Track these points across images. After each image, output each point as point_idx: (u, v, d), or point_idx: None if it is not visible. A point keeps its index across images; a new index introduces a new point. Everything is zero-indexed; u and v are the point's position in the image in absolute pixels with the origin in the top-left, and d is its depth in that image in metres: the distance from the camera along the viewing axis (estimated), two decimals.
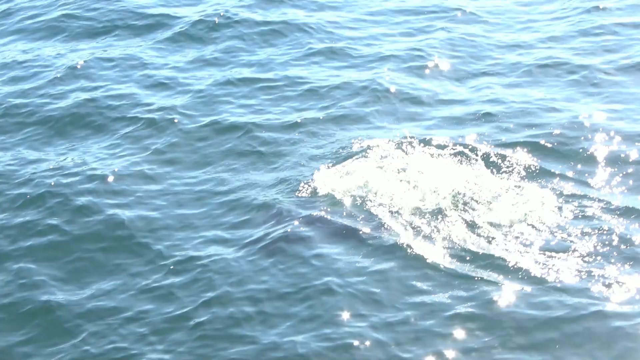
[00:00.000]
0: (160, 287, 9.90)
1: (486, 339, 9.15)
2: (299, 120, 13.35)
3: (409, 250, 10.34)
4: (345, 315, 9.44)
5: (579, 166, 12.09)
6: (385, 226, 10.79)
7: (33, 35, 16.65)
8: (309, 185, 11.62)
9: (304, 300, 9.69)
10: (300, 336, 9.11)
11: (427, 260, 10.18)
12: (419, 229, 10.71)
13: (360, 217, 11.01)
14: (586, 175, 11.88)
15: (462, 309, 9.56)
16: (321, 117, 13.45)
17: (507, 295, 9.67)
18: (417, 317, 9.40)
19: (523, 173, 11.81)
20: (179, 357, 8.95)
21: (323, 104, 13.89)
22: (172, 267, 10.22)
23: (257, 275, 10.05)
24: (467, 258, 10.24)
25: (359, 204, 11.18)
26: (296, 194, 11.52)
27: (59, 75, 14.76)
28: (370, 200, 11.21)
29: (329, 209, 11.21)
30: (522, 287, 9.77)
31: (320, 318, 9.41)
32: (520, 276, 9.93)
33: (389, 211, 11.01)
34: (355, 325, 9.30)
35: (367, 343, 9.04)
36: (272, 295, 9.76)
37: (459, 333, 9.21)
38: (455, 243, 10.44)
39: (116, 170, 12.12)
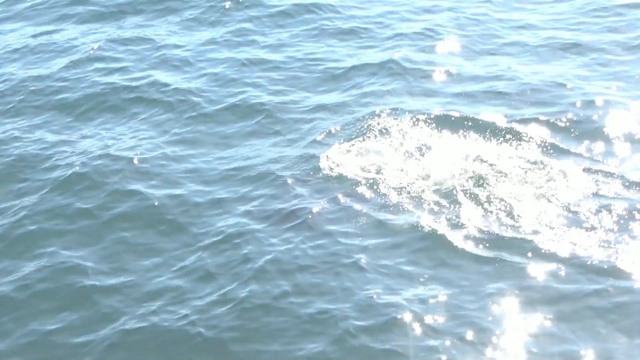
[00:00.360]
0: (196, 267, 9.97)
1: (515, 313, 9.31)
2: (315, 100, 13.49)
3: (432, 229, 10.46)
4: (378, 291, 9.56)
5: (593, 143, 12.29)
6: (406, 204, 10.92)
7: (42, 20, 16.65)
8: (330, 165, 11.73)
9: (336, 276, 9.81)
10: (338, 310, 9.24)
11: (452, 239, 10.31)
12: (440, 207, 10.84)
13: (382, 196, 11.14)
14: (601, 152, 12.09)
15: (489, 284, 9.71)
16: (337, 97, 13.60)
17: (533, 271, 9.84)
18: (447, 294, 9.55)
19: (539, 150, 11.99)
20: (221, 333, 9.02)
21: (338, 83, 14.04)
22: (206, 246, 10.29)
23: (289, 252, 10.16)
24: (490, 235, 10.38)
25: (379, 183, 11.31)
26: (318, 173, 11.63)
27: (73, 60, 14.78)
28: (390, 179, 11.34)
29: (350, 188, 11.32)
30: (547, 263, 9.92)
31: (354, 293, 9.53)
32: (544, 253, 10.07)
33: (409, 190, 11.15)
34: (389, 300, 9.42)
35: (403, 317, 9.17)
36: (305, 271, 9.87)
37: (490, 307, 9.36)
38: (477, 221, 10.58)
39: (139, 152, 12.17)
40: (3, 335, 9.31)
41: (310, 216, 10.83)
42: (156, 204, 11.08)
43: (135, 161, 11.97)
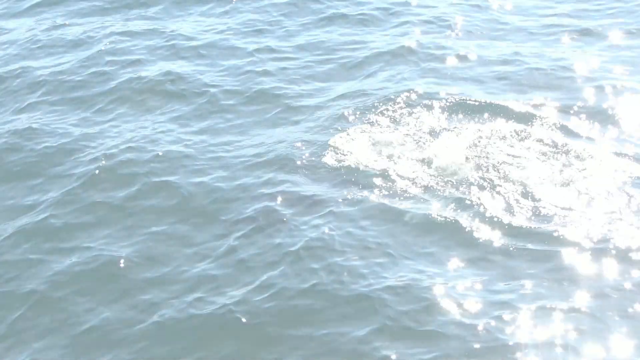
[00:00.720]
0: (230, 256, 10.04)
1: (546, 294, 9.52)
2: (331, 89, 13.66)
3: (454, 216, 10.63)
4: (411, 275, 9.71)
5: (606, 127, 12.54)
6: (427, 191, 11.06)
7: (49, 15, 16.66)
8: (349, 152, 11.83)
9: (368, 262, 9.93)
10: (374, 295, 9.36)
11: (474, 224, 10.47)
12: (460, 193, 10.99)
13: (402, 182, 11.19)
14: (615, 136, 12.34)
15: (517, 267, 9.93)
16: (353, 85, 13.77)
17: (558, 254, 10.04)
18: (477, 277, 9.75)
19: (553, 134, 12.17)
20: (262, 322, 9.11)
21: (352, 71, 14.26)
22: (238, 235, 10.37)
23: (320, 237, 10.26)
24: (512, 220, 10.53)
25: (398, 170, 11.40)
26: (338, 161, 11.70)
27: (85, 54, 14.79)
28: (410, 166, 11.47)
29: (370, 175, 11.40)
30: (571, 247, 10.12)
31: (387, 278, 9.65)
32: (567, 236, 10.25)
33: (428, 177, 11.28)
34: (423, 284, 9.55)
35: (439, 300, 9.35)
36: (337, 257, 9.98)
37: (520, 290, 9.57)
38: (497, 205, 10.72)
39: (162, 144, 12.19)
40: (41, 334, 9.30)
41: (333, 204, 10.95)
42: (185, 194, 11.14)
43: (159, 153, 12.00)
